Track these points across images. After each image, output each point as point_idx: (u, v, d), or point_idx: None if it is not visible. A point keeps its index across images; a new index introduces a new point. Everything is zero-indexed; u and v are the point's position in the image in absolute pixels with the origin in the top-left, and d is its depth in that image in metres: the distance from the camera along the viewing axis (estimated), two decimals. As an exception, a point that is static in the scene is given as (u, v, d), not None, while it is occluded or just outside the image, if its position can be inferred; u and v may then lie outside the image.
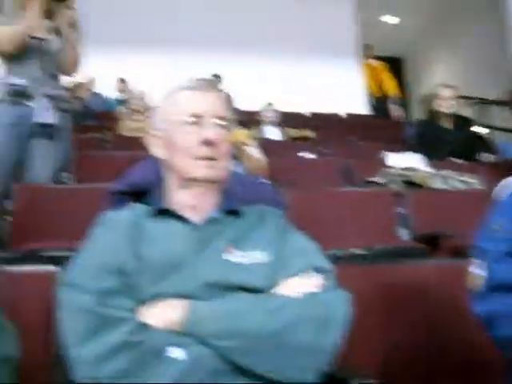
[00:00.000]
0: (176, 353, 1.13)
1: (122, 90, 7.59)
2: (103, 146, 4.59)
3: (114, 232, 1.30)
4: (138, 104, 5.65)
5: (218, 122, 1.36)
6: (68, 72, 3.16)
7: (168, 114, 1.38)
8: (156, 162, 1.84)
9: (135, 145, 4.45)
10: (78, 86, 6.08)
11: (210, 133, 1.33)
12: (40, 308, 1.53)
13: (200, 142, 1.32)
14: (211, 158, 1.33)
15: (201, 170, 1.33)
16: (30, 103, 2.95)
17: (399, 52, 11.27)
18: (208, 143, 1.32)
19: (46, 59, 3.02)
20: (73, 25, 3.05)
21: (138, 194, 1.68)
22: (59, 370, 1.41)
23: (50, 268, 1.62)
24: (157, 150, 1.42)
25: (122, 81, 7.65)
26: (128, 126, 5.38)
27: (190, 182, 1.35)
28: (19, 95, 2.95)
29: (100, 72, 6.65)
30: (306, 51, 8.43)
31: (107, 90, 7.62)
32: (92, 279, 1.19)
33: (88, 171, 3.48)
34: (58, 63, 3.07)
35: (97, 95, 7.30)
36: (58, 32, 3.06)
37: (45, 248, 2.42)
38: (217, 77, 6.48)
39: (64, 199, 2.76)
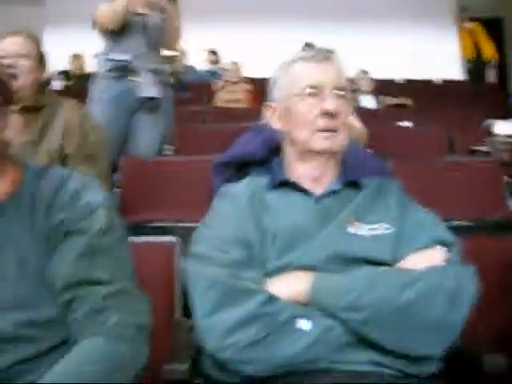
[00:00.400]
0: (304, 324, 1.14)
1: (212, 62, 7.65)
2: (200, 117, 4.65)
3: (236, 205, 1.31)
4: (232, 75, 5.68)
5: (338, 92, 1.33)
6: (170, 46, 3.21)
7: (286, 86, 1.37)
8: (260, 133, 1.85)
9: (231, 116, 4.50)
10: (171, 58, 6.18)
11: (330, 104, 1.31)
12: (159, 277, 1.57)
13: (320, 113, 1.31)
14: (331, 130, 1.31)
15: (321, 141, 1.32)
16: (134, 78, 3.03)
17: (497, 12, 10.67)
18: (328, 114, 1.30)
19: (148, 34, 3.07)
20: (173, -1, 3.09)
21: (242, 166, 1.71)
22: (181, 336, 1.47)
23: (165, 238, 1.67)
24: (274, 121, 1.41)
25: (213, 52, 7.70)
26: (223, 98, 5.43)
27: (309, 153, 1.34)
28: (123, 70, 3.03)
29: (191, 44, 6.72)
30: (400, 15, 8.16)
31: (198, 61, 7.70)
32: (220, 252, 1.22)
33: (187, 143, 3.55)
34: (160, 38, 3.12)
35: (188, 67, 7.39)
36: (158, 7, 3.10)
37: (152, 219, 2.50)
38: (309, 45, 6.40)
39: (168, 171, 2.83)
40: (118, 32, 3.02)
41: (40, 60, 2.22)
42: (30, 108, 2.15)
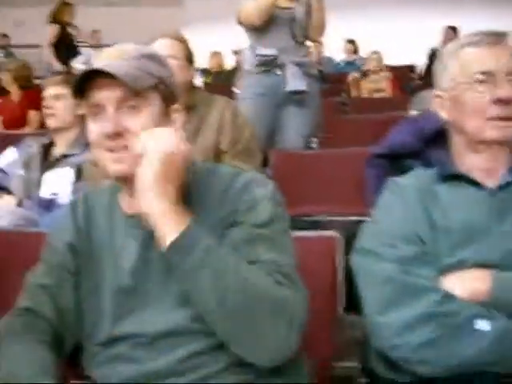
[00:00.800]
0: (482, 325, 1.08)
1: (350, 51, 7.57)
2: (341, 109, 4.61)
3: (405, 199, 1.27)
4: (375, 64, 5.59)
5: (511, 78, 1.25)
6: (314, 38, 3.20)
7: (454, 73, 1.29)
8: (408, 124, 1.78)
9: (371, 106, 4.42)
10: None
11: (504, 91, 1.22)
12: (320, 272, 1.56)
13: (493, 101, 1.23)
14: (505, 118, 1.23)
15: (494, 131, 1.23)
16: (281, 72, 3.05)
17: None
18: (502, 102, 1.22)
19: (293, 27, 3.08)
20: (317, -9, 3.07)
21: (395, 158, 1.66)
22: (345, 332, 1.46)
23: (326, 233, 1.65)
24: (441, 111, 1.34)
25: (351, 42, 7.61)
26: (366, 88, 5.36)
27: (481, 144, 1.26)
28: (269, 65, 3.06)
29: (328, 34, 6.70)
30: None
31: (336, 51, 7.64)
32: (390, 248, 1.19)
33: (331, 135, 3.52)
34: (304, 31, 3.11)
35: (326, 58, 7.36)
36: (303, 0, 3.09)
37: (302, 213, 2.50)
38: (452, 29, 6.17)
39: (316, 164, 2.82)
40: (263, 27, 3.05)
41: (188, 60, 2.29)
42: (184, 107, 2.23)
